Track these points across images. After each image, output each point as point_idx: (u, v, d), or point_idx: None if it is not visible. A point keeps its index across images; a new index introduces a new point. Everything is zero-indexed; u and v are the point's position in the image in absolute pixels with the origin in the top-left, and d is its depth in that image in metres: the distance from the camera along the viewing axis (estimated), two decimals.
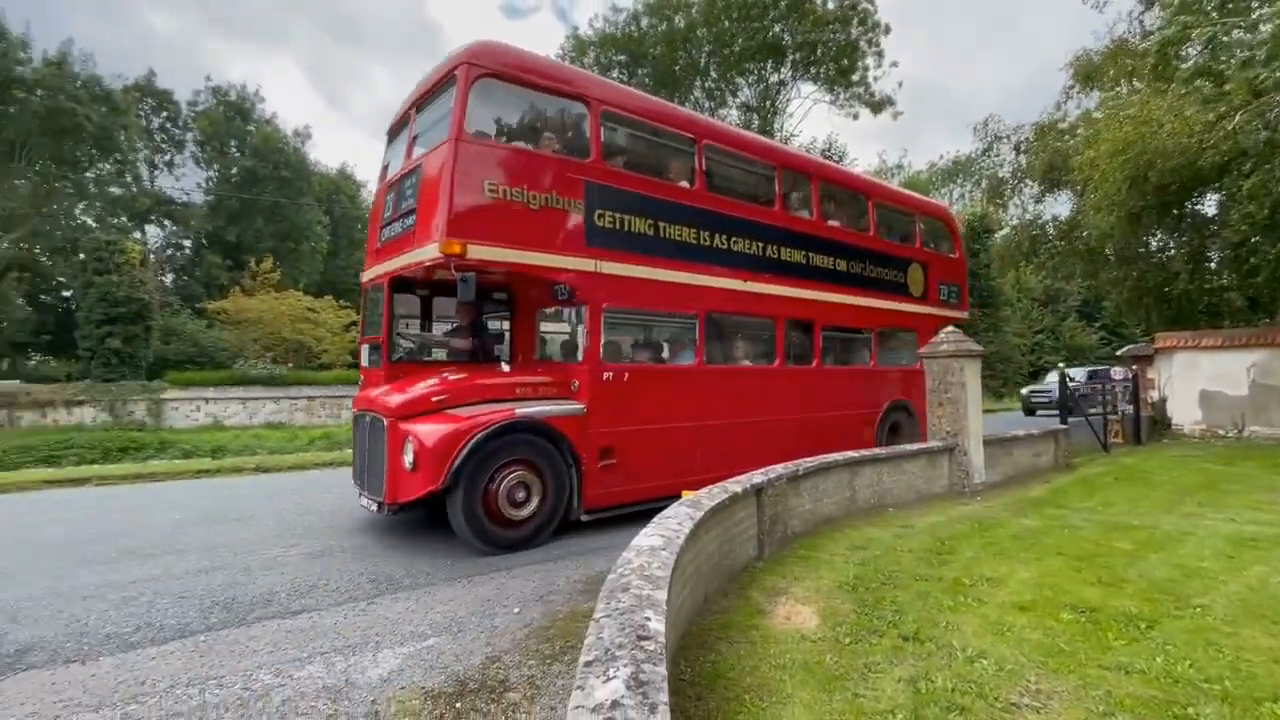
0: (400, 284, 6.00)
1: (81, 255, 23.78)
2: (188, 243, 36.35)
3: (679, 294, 6.07)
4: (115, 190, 29.62)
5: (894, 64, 29.13)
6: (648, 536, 2.79)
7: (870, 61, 28.50)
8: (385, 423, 4.93)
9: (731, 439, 6.35)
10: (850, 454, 5.81)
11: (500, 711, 2.60)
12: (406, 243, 5.33)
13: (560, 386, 5.49)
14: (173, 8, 58.71)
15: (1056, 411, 18.85)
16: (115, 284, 21.18)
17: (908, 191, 10.75)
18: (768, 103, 29.35)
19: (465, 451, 4.65)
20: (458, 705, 2.64)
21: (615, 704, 1.34)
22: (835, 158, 28.46)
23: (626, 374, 5.68)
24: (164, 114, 35.20)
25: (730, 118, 29.00)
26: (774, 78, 29.21)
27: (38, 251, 26.90)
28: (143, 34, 55.48)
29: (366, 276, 6.37)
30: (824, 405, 7.43)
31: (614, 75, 27.07)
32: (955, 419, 6.82)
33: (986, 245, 29.40)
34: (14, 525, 6.06)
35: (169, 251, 36.19)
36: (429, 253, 4.91)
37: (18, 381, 22.52)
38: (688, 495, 4.05)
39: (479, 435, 4.73)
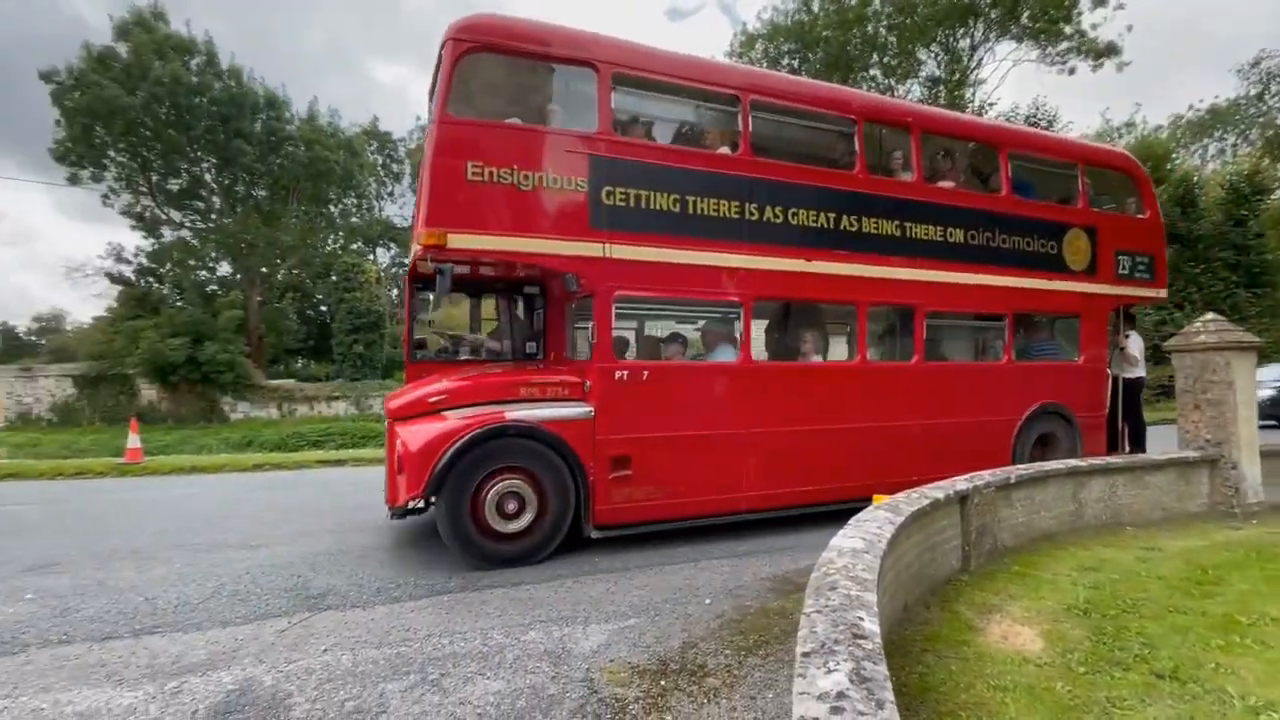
0: (425, 280, 5.82)
1: (334, 276, 28.95)
2: (407, 261, 42.43)
3: (716, 278, 5.26)
4: (355, 220, 35.59)
5: (1119, 6, 24.61)
6: (848, 538, 2.74)
7: (1086, 4, 24.49)
8: (388, 424, 4.97)
9: (796, 451, 5.49)
10: (1074, 462, 5.11)
11: (701, 694, 2.73)
12: (415, 237, 5.18)
13: (575, 387, 5.00)
14: (395, 60, 68.90)
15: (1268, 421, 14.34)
16: (359, 299, 25.48)
17: (1065, 137, 8.58)
18: (955, 73, 26.59)
19: (448, 457, 4.35)
20: (662, 683, 2.83)
21: (841, 694, 1.37)
22: (1044, 123, 24.93)
23: (646, 372, 5.03)
24: (385, 152, 41.46)
25: (912, 94, 26.77)
26: (964, 42, 26.38)
27: (304, 276, 33.25)
28: (367, 84, 65.95)
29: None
30: (931, 410, 6.10)
31: (783, 65, 26.39)
32: (1218, 425, 5.66)
33: (1258, 210, 23.80)
34: (303, 496, 7.62)
35: (393, 270, 42.57)
36: (416, 246, 4.76)
37: (293, 381, 28.07)
38: (880, 499, 3.88)
39: (463, 440, 4.41)
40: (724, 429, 5.23)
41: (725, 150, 5.52)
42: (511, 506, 4.58)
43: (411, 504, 4.50)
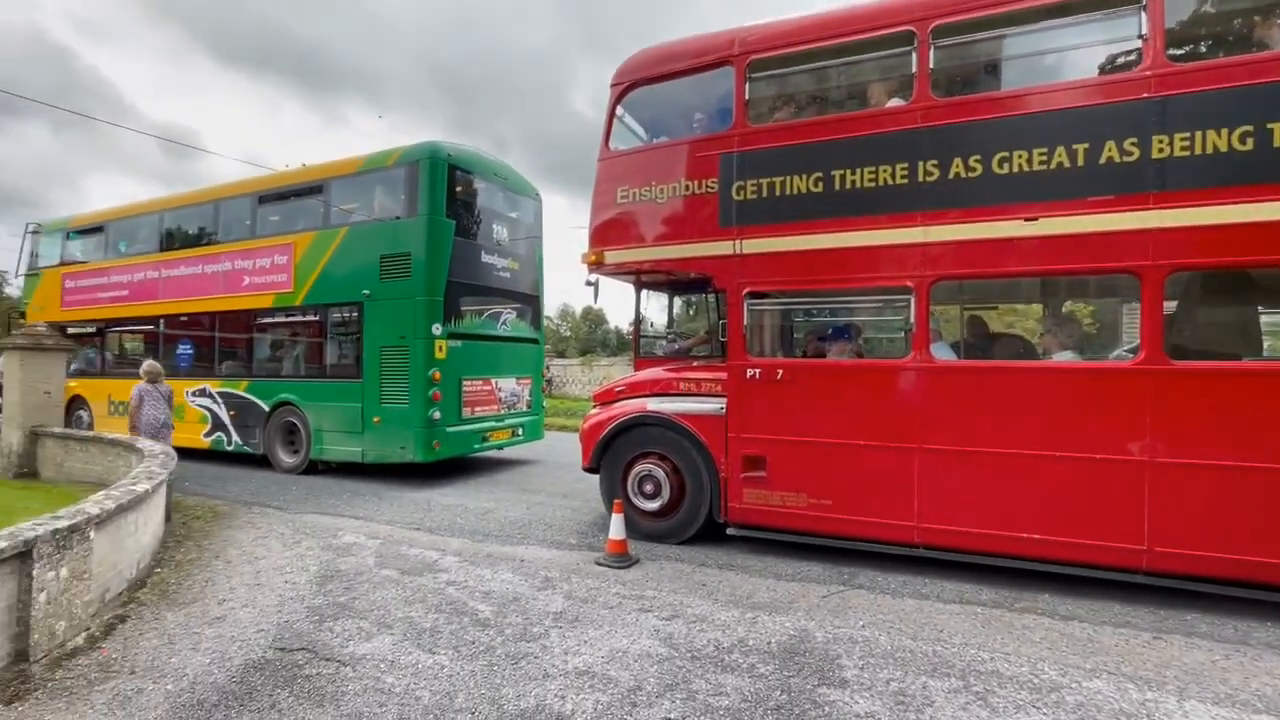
0: (650, 285, 6.41)
1: None
2: None
3: (875, 260, 4.45)
4: None
5: None
6: None
7: None
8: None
9: (995, 476, 4.12)
10: None
11: None
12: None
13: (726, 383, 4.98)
14: None
15: None
16: None
17: None
18: None
19: (603, 439, 5.37)
20: None
21: None
22: None
23: (780, 370, 4.73)
24: None
25: None
26: None
27: None
28: None
29: None
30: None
31: None
32: None
33: None
34: None
35: None
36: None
37: None
38: None
39: (613, 426, 5.34)
40: (884, 441, 4.40)
41: (895, 103, 4.55)
42: (649, 488, 5.17)
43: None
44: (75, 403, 10.35)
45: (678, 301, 7.07)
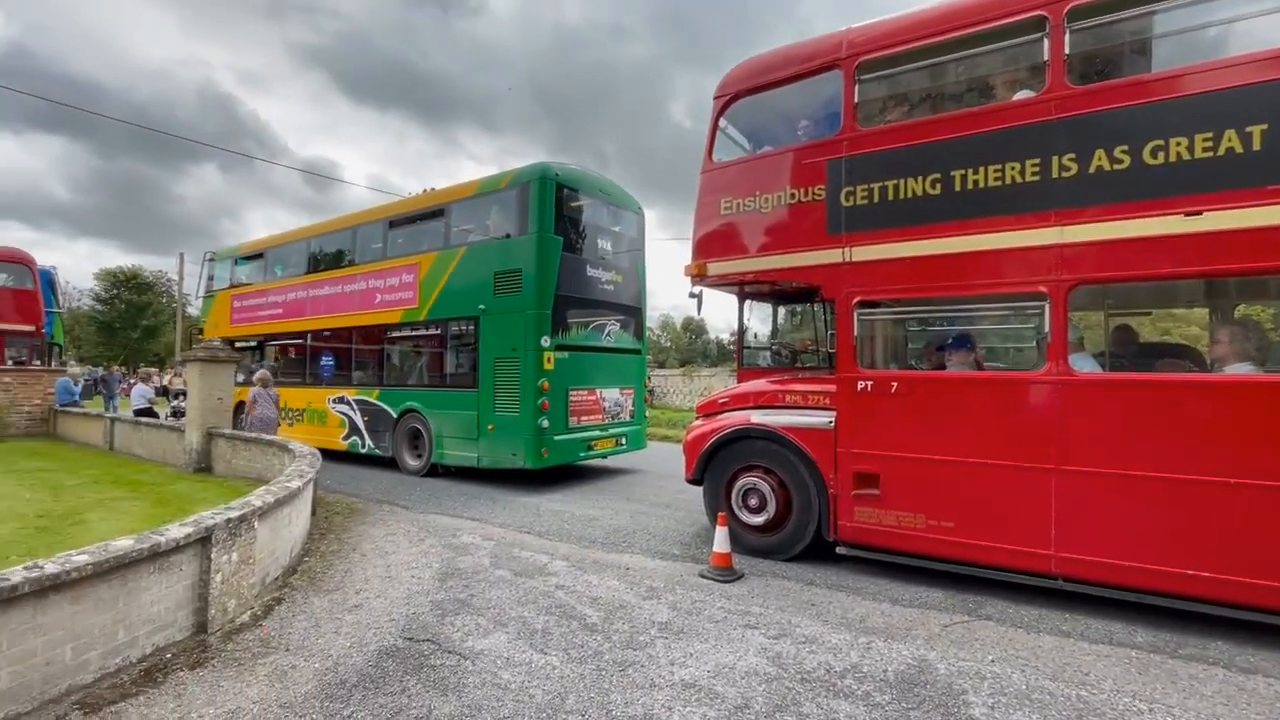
0: (751, 296, 6.21)
1: None
2: None
3: (1001, 264, 4.09)
4: None
5: None
6: None
7: None
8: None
9: (1153, 504, 3.61)
10: None
11: None
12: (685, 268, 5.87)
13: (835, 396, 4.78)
14: None
15: None
16: None
17: None
18: None
19: (707, 451, 5.27)
20: None
21: None
22: None
23: (895, 383, 4.51)
24: None
25: None
26: None
27: None
28: None
29: None
30: None
31: None
32: None
33: None
34: None
35: None
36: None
37: None
38: None
39: (716, 438, 5.24)
40: (1016, 460, 4.02)
41: (1024, 94, 4.21)
42: (754, 501, 5.06)
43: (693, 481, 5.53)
44: (240, 408, 11.80)
45: (781, 311, 6.92)
